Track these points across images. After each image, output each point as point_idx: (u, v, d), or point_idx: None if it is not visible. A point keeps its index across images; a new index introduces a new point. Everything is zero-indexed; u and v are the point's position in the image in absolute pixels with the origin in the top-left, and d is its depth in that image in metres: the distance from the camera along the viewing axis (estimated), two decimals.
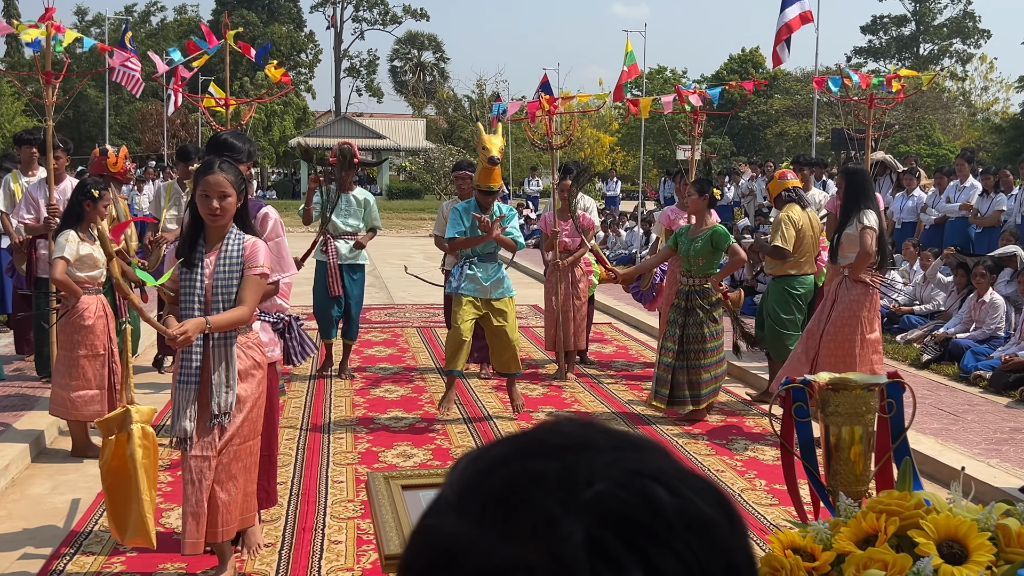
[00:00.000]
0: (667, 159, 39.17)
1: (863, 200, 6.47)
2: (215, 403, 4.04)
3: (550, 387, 8.33)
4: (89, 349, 6.17)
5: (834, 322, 6.59)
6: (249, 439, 4.22)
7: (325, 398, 7.84)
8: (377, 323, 11.84)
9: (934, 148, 35.31)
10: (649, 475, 0.67)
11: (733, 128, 44.31)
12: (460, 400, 7.82)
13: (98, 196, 6.09)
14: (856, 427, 2.98)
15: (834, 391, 2.99)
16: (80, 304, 6.13)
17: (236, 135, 4.96)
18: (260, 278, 4.10)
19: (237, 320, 4.02)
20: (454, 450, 6.45)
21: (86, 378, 6.17)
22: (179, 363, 4.09)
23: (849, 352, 6.50)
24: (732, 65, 50.66)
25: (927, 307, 10.44)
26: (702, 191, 7.22)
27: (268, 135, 47.31)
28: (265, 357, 4.33)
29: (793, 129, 40.30)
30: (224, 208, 4.04)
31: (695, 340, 7.11)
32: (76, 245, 6.04)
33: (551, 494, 0.65)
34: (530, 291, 14.33)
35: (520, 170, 41.41)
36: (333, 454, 6.34)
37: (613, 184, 29.34)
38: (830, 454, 3.07)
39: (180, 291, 4.07)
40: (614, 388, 8.36)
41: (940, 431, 6.78)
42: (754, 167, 19.95)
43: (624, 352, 10.07)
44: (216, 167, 4.05)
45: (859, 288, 6.53)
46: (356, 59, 70.27)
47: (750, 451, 6.51)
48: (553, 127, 9.02)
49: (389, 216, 33.21)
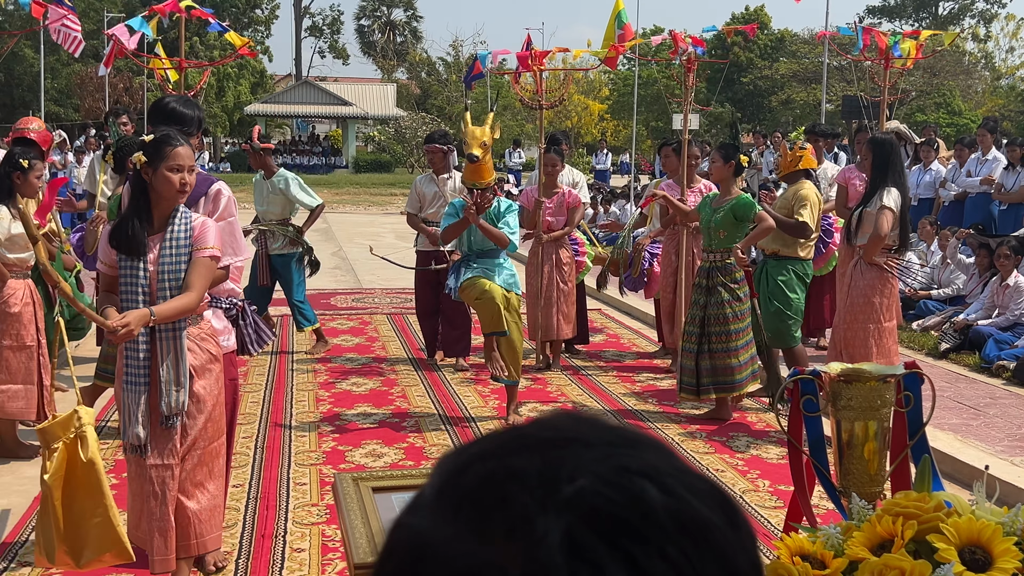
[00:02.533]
0: (661, 130, 39.20)
1: (891, 175, 6.51)
2: (164, 403, 3.96)
3: (533, 379, 8.35)
4: (14, 339, 6.06)
5: (849, 308, 6.63)
6: (214, 440, 4.17)
7: (286, 392, 7.83)
8: (343, 309, 11.82)
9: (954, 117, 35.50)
10: (639, 472, 0.67)
11: (736, 95, 44.36)
12: (436, 395, 7.83)
13: (28, 166, 6.02)
14: (870, 422, 3.00)
15: (846, 383, 3.01)
16: (6, 289, 6.04)
17: (184, 101, 4.90)
18: (210, 260, 4.04)
19: (185, 308, 3.95)
20: (428, 449, 6.46)
21: (9, 371, 6.06)
22: (123, 361, 4.01)
23: (863, 342, 6.54)
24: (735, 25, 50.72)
25: (946, 291, 10.51)
26: (727, 157, 7.09)
27: (221, 101, 47.03)
28: (220, 348, 4.29)
29: (800, 96, 40.41)
30: (191, 183, 4.04)
31: (717, 322, 7.02)
32: (7, 223, 5.95)
33: (530, 491, 0.65)
34: None
35: (501, 141, 41.36)
36: (295, 454, 6.33)
37: (603, 156, 29.38)
38: (842, 452, 3.09)
39: (121, 280, 3.97)
40: (604, 380, 8.39)
41: (960, 426, 6.84)
42: (758, 138, 19.99)
43: (615, 341, 10.09)
44: (180, 138, 4.04)
45: (874, 272, 6.56)
46: (319, 17, 69.92)
47: (753, 449, 6.55)
48: (544, 85, 8.93)
49: (356, 192, 33.16)
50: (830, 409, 3.07)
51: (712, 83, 36.15)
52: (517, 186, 25.91)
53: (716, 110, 42.44)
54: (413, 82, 57.94)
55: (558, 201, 8.61)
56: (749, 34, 10.22)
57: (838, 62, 35.01)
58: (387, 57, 62.69)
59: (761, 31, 44.56)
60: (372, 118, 48.92)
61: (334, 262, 16.44)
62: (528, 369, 8.67)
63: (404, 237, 16.37)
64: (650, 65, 31.65)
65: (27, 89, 49.10)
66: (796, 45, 44.28)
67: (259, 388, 7.94)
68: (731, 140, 8.01)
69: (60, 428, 4.15)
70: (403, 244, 15.35)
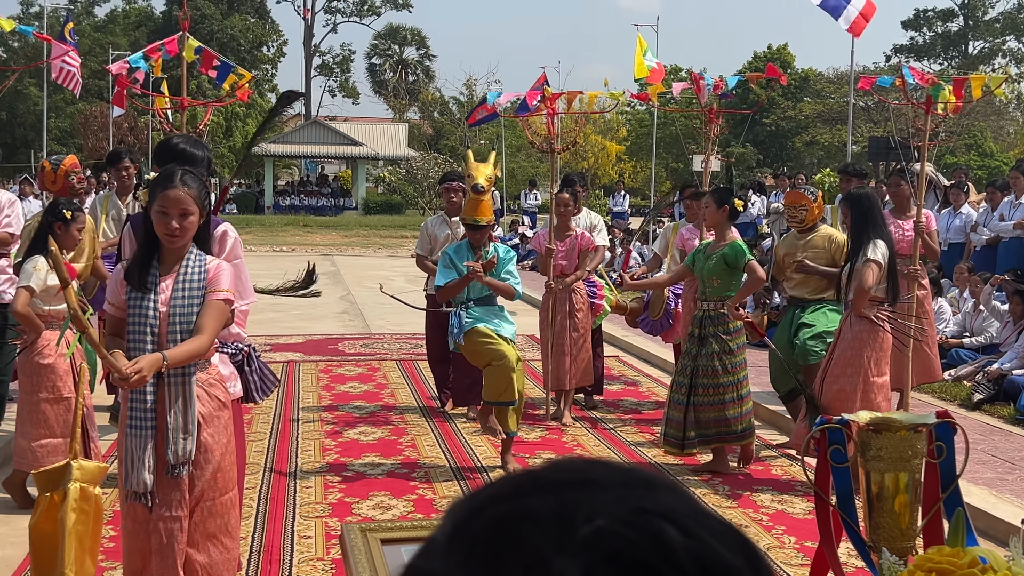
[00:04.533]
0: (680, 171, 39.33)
1: (872, 229, 6.57)
2: (171, 451, 3.90)
3: (548, 429, 8.31)
4: (51, 392, 6.08)
5: (836, 362, 6.65)
6: (226, 491, 4.11)
7: (291, 440, 7.82)
8: (351, 355, 11.82)
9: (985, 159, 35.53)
10: (658, 513, 0.67)
11: (758, 136, 44.52)
12: (447, 445, 7.80)
13: (71, 217, 6.09)
14: (901, 474, 2.98)
15: (876, 432, 2.99)
16: (40, 341, 6.08)
17: (192, 141, 4.88)
18: (224, 304, 4.03)
19: (196, 352, 3.93)
20: (439, 501, 6.43)
21: (47, 425, 6.08)
22: (128, 406, 3.97)
23: (849, 397, 6.54)
24: (756, 64, 50.95)
25: (979, 340, 10.46)
26: (721, 202, 7.13)
27: (228, 140, 47.44)
28: (229, 394, 4.26)
29: (825, 137, 40.54)
30: (184, 228, 3.96)
31: (705, 374, 7.02)
32: (44, 274, 5.99)
33: (545, 532, 0.65)
34: (526, 319, 14.33)
35: (516, 182, 41.56)
36: (300, 505, 6.31)
37: (621, 198, 29.45)
38: (871, 505, 3.06)
39: (129, 320, 3.96)
40: (621, 430, 8.35)
41: (994, 480, 6.77)
42: (781, 180, 20.03)
43: (633, 389, 10.06)
44: (177, 180, 3.96)
45: (864, 324, 6.60)
46: (329, 55, 70.65)
47: (777, 503, 6.49)
48: (556, 128, 8.99)
49: (365, 234, 33.32)
50: (859, 460, 3.05)
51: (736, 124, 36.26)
52: (532, 228, 26.04)
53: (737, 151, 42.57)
54: (425, 122, 58.35)
55: (571, 244, 8.60)
56: (780, 80, 10.17)
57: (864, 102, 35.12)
58: (399, 96, 63.23)
59: (784, 70, 44.83)
60: (383, 158, 49.25)
61: (342, 306, 16.49)
62: (542, 419, 8.64)
63: (414, 281, 16.40)
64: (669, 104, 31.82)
65: (30, 128, 49.69)
66: (821, 85, 44.47)
67: (263, 437, 7.93)
68: (727, 183, 8.02)
69: (53, 477, 4.11)
70: (413, 288, 15.37)
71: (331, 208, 46.22)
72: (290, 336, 13.00)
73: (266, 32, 63.11)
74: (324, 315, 15.33)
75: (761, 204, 19.48)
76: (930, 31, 57.78)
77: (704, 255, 7.20)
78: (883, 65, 51.43)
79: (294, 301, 16.61)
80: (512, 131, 40.26)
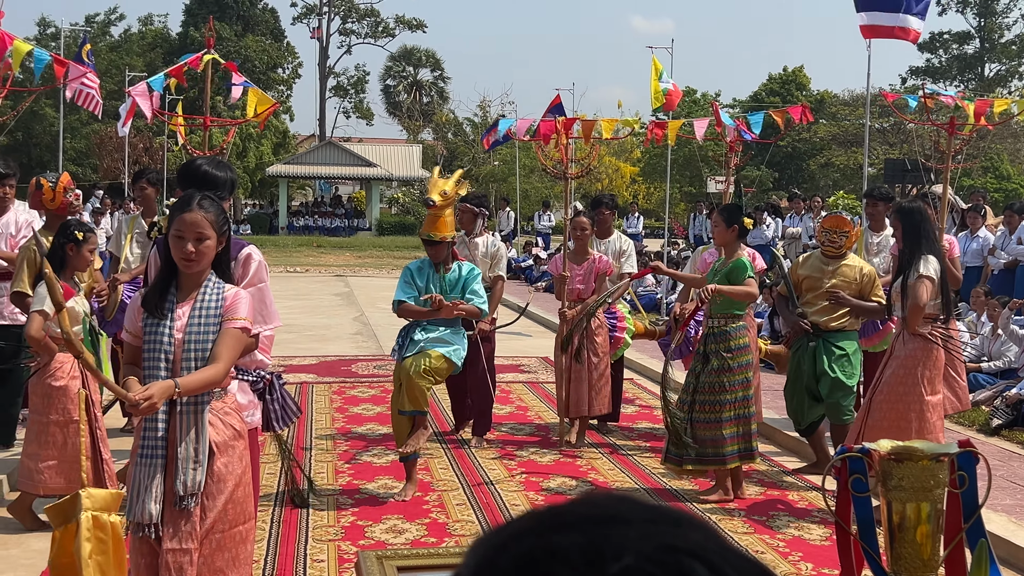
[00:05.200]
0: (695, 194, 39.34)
1: (924, 243, 6.48)
2: (179, 482, 3.82)
3: (563, 453, 8.28)
4: (61, 414, 6.10)
5: (888, 381, 6.55)
6: (237, 524, 4.01)
7: (304, 464, 7.80)
8: (365, 377, 11.82)
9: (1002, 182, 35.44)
10: (686, 551, 0.66)
11: (773, 158, 44.50)
12: (460, 468, 7.77)
13: (83, 239, 6.12)
14: (923, 504, 2.95)
15: (897, 462, 2.96)
16: (53, 363, 6.10)
17: (215, 163, 4.82)
18: (240, 332, 3.96)
19: (211, 381, 3.86)
20: (452, 525, 6.40)
21: (57, 446, 6.09)
22: (141, 433, 3.92)
23: (904, 416, 6.45)
24: (772, 86, 51.00)
25: (997, 364, 10.40)
26: (731, 221, 7.12)
27: (243, 161, 47.64)
28: (245, 424, 4.19)
29: (840, 159, 40.49)
30: (201, 252, 3.91)
31: (705, 390, 6.99)
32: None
33: (573, 570, 0.65)
34: (540, 341, 14.32)
35: (530, 203, 41.63)
36: (312, 528, 6.29)
37: (635, 220, 29.48)
38: (893, 534, 3.03)
39: (144, 346, 3.91)
40: (636, 454, 8.31)
41: (1014, 507, 6.71)
42: (797, 202, 19.98)
43: (648, 412, 10.01)
44: (195, 203, 3.92)
45: (917, 342, 6.50)
46: (343, 77, 70.98)
47: (794, 529, 6.45)
48: (569, 154, 8.99)
49: (379, 255, 33.40)
50: (880, 489, 3.02)
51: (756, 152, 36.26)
52: (545, 249, 26.05)
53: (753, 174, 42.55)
54: (439, 143, 58.51)
55: (588, 268, 8.56)
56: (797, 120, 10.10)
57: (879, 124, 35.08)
58: (413, 117, 63.43)
59: (800, 92, 44.86)
60: (396, 179, 49.37)
61: (355, 327, 16.50)
62: (556, 442, 8.60)
63: None
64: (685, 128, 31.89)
65: (45, 148, 49.98)
66: (836, 107, 44.45)
67: (276, 459, 7.90)
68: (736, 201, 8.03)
69: (61, 513, 4.07)
70: None
71: (345, 229, 46.36)
72: (304, 358, 13.01)
73: (281, 54, 63.44)
74: (337, 336, 15.34)
75: (776, 227, 19.44)
76: (946, 53, 57.74)
77: (714, 273, 7.20)
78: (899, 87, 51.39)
79: (307, 322, 16.66)
80: (526, 152, 40.34)
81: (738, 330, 7.02)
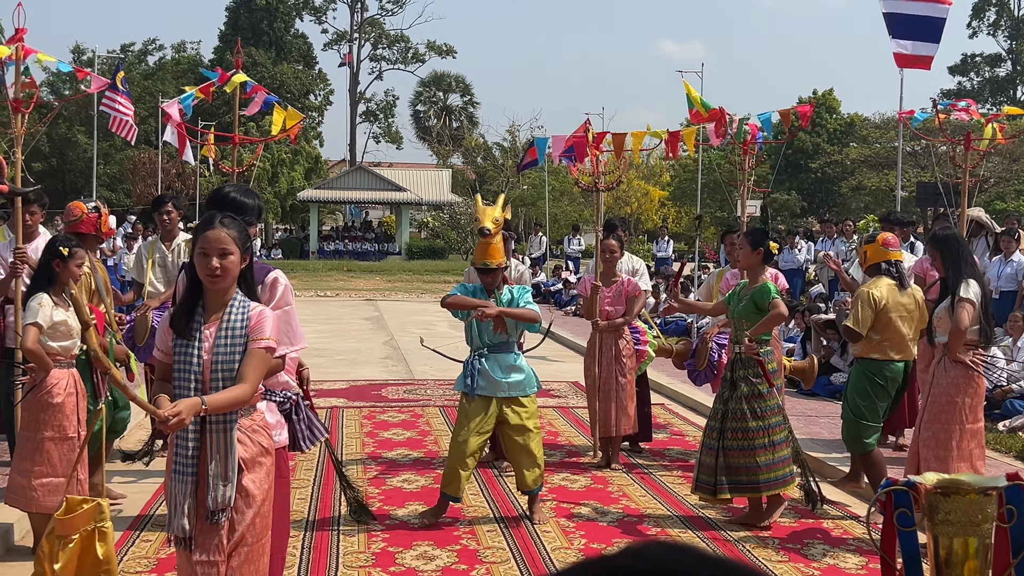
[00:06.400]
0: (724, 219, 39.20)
1: (965, 268, 6.43)
2: (211, 498, 3.95)
3: (593, 479, 8.20)
4: (56, 430, 6.08)
5: (929, 409, 6.49)
6: (261, 538, 4.13)
7: (334, 489, 7.76)
8: (394, 401, 11.78)
9: None
10: None
11: (803, 182, 44.34)
12: (490, 493, 7.71)
13: (68, 254, 6.11)
14: (970, 538, 2.86)
15: (944, 495, 2.88)
16: (49, 379, 6.07)
17: (243, 191, 4.98)
18: (266, 352, 4.06)
19: (237, 400, 3.96)
20: (483, 552, 6.34)
21: (51, 463, 6.06)
22: (173, 451, 4.04)
23: (944, 443, 6.37)
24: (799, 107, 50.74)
25: None
26: (756, 244, 7.02)
27: (274, 187, 48.00)
28: (273, 442, 4.28)
29: (872, 182, 40.23)
30: (225, 268, 4.01)
31: (734, 417, 6.88)
32: (50, 310, 6.01)
33: None
34: (570, 365, 14.24)
35: (559, 227, 41.66)
36: (343, 555, 6.24)
37: (664, 243, 29.40)
38: (940, 570, 2.95)
39: (174, 366, 4.02)
40: (668, 480, 8.21)
41: None
42: (828, 226, 19.85)
43: (680, 438, 9.92)
44: (217, 222, 4.05)
45: (958, 370, 6.42)
46: (373, 102, 71.46)
47: (829, 558, 6.33)
48: (600, 167, 9.01)
49: (408, 279, 33.46)
50: (926, 523, 2.94)
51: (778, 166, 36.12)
52: (575, 273, 26.01)
53: (782, 197, 42.38)
54: (469, 167, 58.74)
55: (617, 290, 8.60)
56: (803, 117, 10.00)
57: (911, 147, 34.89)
58: (442, 142, 63.77)
59: (830, 115, 44.67)
60: (426, 204, 49.57)
61: (385, 351, 16.49)
62: (587, 467, 8.53)
63: (457, 326, 16.39)
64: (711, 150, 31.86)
65: (79, 174, 50.58)
66: (867, 130, 44.23)
67: (307, 484, 7.88)
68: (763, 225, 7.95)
69: (82, 519, 4.11)
70: (456, 334, 15.34)
71: (375, 253, 46.58)
72: (334, 382, 13.00)
73: (313, 80, 63.99)
74: (367, 360, 15.34)
75: (808, 250, 19.31)
76: (978, 76, 57.49)
77: (738, 297, 7.12)
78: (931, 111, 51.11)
79: (337, 346, 16.68)
80: (555, 176, 40.38)
81: (766, 355, 6.94)
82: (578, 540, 6.61)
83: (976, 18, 57.40)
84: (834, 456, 8.53)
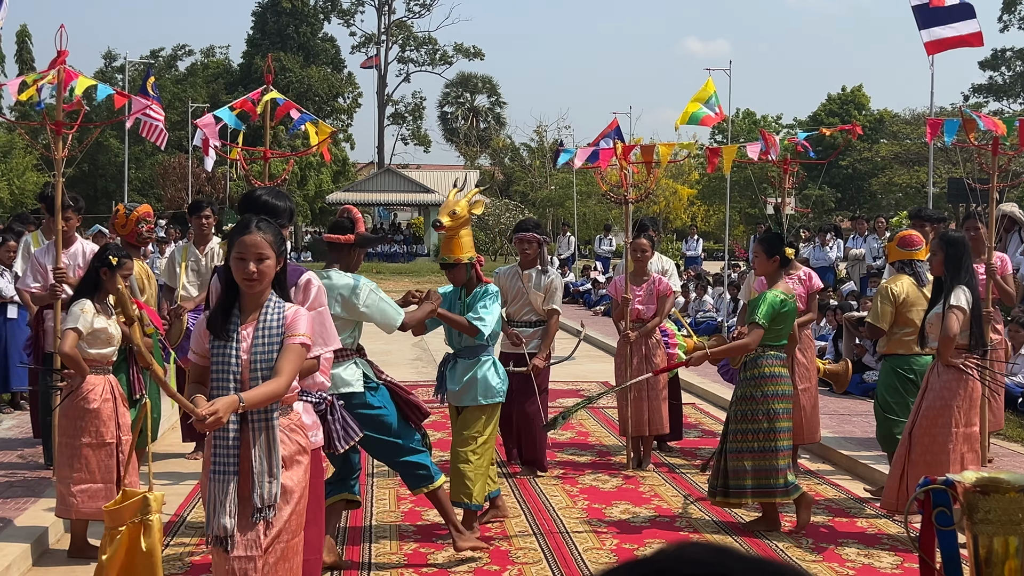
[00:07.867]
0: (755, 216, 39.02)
1: (962, 274, 6.42)
2: (257, 495, 3.99)
3: (625, 479, 8.17)
4: (94, 436, 6.11)
5: (924, 413, 6.52)
6: (296, 535, 4.17)
7: (367, 491, 7.77)
8: (425, 403, 11.75)
9: None
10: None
11: (835, 178, 44.11)
12: (521, 494, 7.69)
13: (116, 263, 6.15)
14: (1011, 537, 2.83)
15: (983, 494, 2.84)
16: (85, 385, 6.11)
17: (275, 193, 5.04)
18: (301, 348, 4.10)
19: (273, 394, 3.99)
20: (514, 553, 6.33)
21: (89, 469, 6.10)
22: (212, 450, 4.07)
23: (942, 448, 6.41)
24: (831, 106, 50.62)
25: None
26: (771, 252, 6.79)
27: (303, 190, 48.22)
28: (309, 442, 4.32)
29: (903, 179, 39.97)
30: (262, 272, 4.07)
31: (733, 419, 6.84)
32: (91, 317, 6.04)
33: None
34: (600, 366, 14.20)
35: (588, 227, 41.59)
36: (375, 556, 6.25)
37: (694, 242, 29.29)
38: (979, 570, 2.91)
39: (212, 367, 4.07)
40: (700, 480, 8.16)
41: None
42: (859, 223, 19.70)
43: (711, 438, 9.86)
44: (253, 226, 4.10)
45: (951, 374, 6.46)
46: (401, 104, 71.65)
47: (864, 557, 6.28)
48: (628, 179, 8.99)
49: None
50: (966, 523, 2.91)
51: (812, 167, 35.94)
52: (604, 273, 25.95)
53: (815, 193, 42.13)
54: (496, 168, 58.74)
55: (648, 289, 8.58)
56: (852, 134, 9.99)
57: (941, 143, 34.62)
58: (470, 143, 63.80)
59: (859, 112, 44.41)
60: None
61: (415, 352, 16.52)
62: (620, 468, 8.51)
63: None
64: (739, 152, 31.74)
65: (111, 179, 51.05)
66: (897, 126, 43.93)
67: None
68: (777, 229, 7.81)
69: (128, 511, 4.14)
70: None
71: (403, 255, 46.69)
72: None
73: (342, 83, 64.23)
74: (397, 362, 15.36)
75: (838, 248, 19.16)
76: (1009, 71, 56.86)
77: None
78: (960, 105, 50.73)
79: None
80: (583, 177, 40.34)
81: (768, 359, 6.75)
82: (610, 541, 6.58)
83: (1007, 12, 56.80)
84: (867, 455, 8.46)
